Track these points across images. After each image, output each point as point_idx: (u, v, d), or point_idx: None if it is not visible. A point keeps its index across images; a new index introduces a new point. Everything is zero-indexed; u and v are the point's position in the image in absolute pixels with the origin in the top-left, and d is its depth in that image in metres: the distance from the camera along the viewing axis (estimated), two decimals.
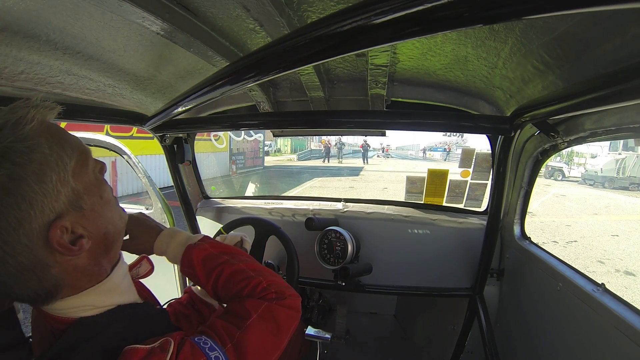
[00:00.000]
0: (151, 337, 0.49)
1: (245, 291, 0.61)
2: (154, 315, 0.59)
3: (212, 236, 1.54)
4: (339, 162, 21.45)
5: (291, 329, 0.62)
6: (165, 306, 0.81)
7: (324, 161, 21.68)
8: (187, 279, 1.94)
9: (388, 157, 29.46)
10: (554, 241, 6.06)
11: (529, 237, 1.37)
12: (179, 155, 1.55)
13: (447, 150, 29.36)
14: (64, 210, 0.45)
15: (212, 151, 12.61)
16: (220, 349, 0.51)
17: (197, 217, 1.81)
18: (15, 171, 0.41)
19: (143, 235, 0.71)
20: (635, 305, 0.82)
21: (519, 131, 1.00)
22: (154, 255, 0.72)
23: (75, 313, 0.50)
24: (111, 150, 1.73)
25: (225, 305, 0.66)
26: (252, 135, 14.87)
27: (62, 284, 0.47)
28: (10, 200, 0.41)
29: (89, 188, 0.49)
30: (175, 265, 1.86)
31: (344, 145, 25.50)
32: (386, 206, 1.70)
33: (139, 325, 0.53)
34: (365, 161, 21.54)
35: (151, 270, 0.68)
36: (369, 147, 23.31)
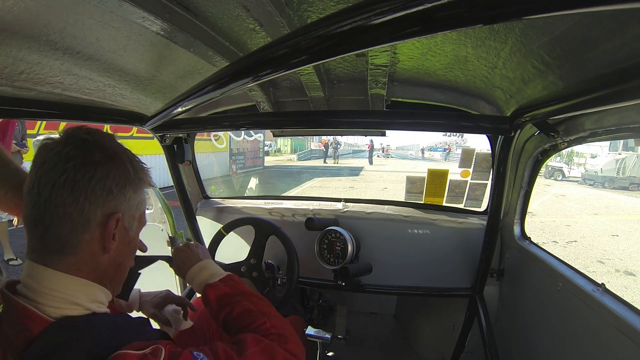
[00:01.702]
0: (135, 342, 0.51)
1: (250, 327, 0.70)
2: (133, 322, 0.62)
3: (211, 236, 1.56)
4: (334, 163, 21.09)
5: None
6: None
7: (324, 161, 21.54)
8: None
9: (388, 157, 29.48)
10: (554, 241, 6.06)
11: (529, 237, 1.37)
12: (179, 155, 1.55)
13: (447, 150, 29.39)
14: (124, 218, 0.58)
15: (212, 151, 12.61)
16: None
17: (197, 217, 1.81)
18: (130, 174, 0.58)
19: (181, 265, 0.90)
20: (635, 305, 0.82)
21: (519, 131, 1.00)
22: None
23: (59, 311, 0.51)
24: None
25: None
26: (252, 135, 14.85)
27: (77, 253, 0.54)
28: (116, 177, 0.55)
29: (135, 234, 0.64)
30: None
31: (340, 145, 25.05)
32: (386, 206, 1.70)
33: (120, 330, 0.55)
34: (371, 162, 21.28)
35: None
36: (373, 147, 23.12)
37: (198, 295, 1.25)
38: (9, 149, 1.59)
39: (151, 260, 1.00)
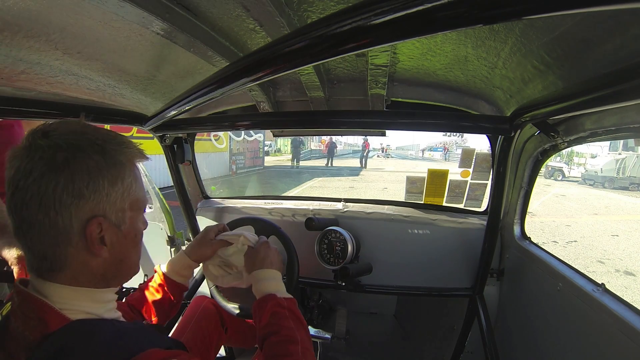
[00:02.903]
0: (153, 348, 0.52)
1: None
2: (146, 329, 0.62)
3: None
4: (329, 164, 20.07)
5: None
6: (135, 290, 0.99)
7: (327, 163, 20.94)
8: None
9: (388, 157, 29.49)
10: (554, 241, 6.06)
11: (529, 237, 1.37)
12: (179, 155, 1.55)
13: (445, 150, 29.44)
14: (109, 217, 0.54)
15: (212, 151, 12.61)
16: None
17: (197, 217, 1.81)
18: (101, 165, 0.52)
19: (256, 259, 0.94)
20: (635, 305, 0.82)
21: (519, 131, 1.00)
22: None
23: (72, 314, 0.52)
24: None
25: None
26: (252, 135, 14.86)
27: (68, 267, 0.52)
28: (84, 177, 0.50)
29: (132, 223, 0.58)
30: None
31: (337, 146, 23.78)
32: (386, 206, 1.70)
33: (133, 336, 0.55)
34: (364, 164, 19.51)
35: None
36: (367, 146, 21.21)
37: (198, 295, 1.26)
38: None
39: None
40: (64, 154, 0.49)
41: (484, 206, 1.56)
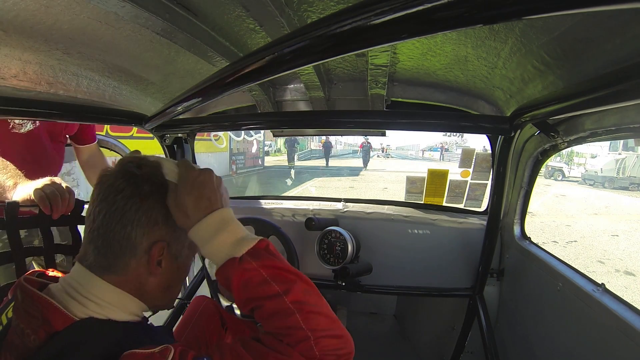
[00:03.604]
0: (148, 345, 0.51)
1: (286, 340, 0.51)
2: (154, 331, 0.63)
3: None
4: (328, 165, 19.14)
5: None
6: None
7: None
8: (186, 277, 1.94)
9: (388, 157, 29.49)
10: (554, 241, 6.06)
11: (529, 237, 1.37)
12: (179, 155, 1.55)
13: (443, 149, 29.41)
14: (171, 247, 0.61)
15: (212, 151, 12.60)
16: None
17: None
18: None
19: (185, 206, 0.57)
20: (635, 305, 0.82)
21: (519, 131, 1.00)
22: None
23: (87, 311, 0.54)
24: (112, 150, 1.73)
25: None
26: (252, 135, 14.84)
27: (123, 273, 0.58)
28: (162, 210, 0.59)
29: (186, 261, 0.67)
30: None
31: (332, 146, 22.60)
32: (386, 206, 1.70)
33: (138, 335, 0.57)
34: (365, 165, 18.51)
35: None
36: (371, 147, 20.13)
37: (198, 295, 1.24)
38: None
39: None
40: (150, 187, 0.58)
41: (484, 206, 1.57)
